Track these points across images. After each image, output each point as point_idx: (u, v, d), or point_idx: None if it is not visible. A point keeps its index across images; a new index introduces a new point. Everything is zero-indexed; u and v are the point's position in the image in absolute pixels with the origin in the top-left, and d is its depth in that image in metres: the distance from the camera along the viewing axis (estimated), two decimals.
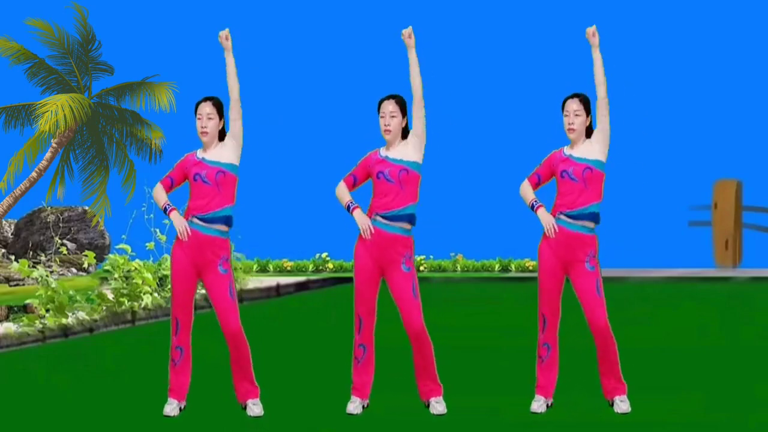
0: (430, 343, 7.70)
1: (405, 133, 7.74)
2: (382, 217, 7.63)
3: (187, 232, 7.57)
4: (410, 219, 7.65)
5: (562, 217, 7.59)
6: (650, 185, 23.18)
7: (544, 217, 7.62)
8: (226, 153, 7.66)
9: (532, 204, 7.69)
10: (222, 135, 7.73)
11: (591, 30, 7.75)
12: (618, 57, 23.67)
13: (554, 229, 7.57)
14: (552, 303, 7.68)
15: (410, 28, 7.78)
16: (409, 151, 7.68)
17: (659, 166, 23.21)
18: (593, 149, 7.62)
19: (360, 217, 7.64)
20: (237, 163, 7.68)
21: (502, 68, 23.63)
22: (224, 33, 7.83)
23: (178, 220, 7.61)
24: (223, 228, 7.62)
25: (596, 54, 7.72)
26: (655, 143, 23.18)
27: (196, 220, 7.59)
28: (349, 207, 7.69)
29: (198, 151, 7.74)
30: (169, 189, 7.75)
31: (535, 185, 7.74)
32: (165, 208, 7.69)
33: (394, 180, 7.62)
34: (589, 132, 7.68)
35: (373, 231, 7.62)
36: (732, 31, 23.38)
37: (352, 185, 7.77)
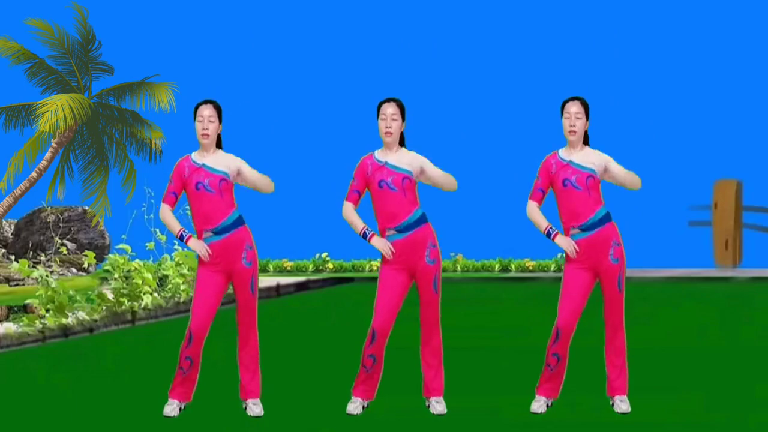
0: (440, 337, 7.76)
1: (401, 139, 7.73)
2: (396, 230, 7.62)
3: (209, 252, 7.57)
4: (422, 221, 7.66)
5: (577, 231, 7.57)
6: (650, 185, 23.15)
7: (563, 242, 7.59)
8: (225, 161, 7.65)
9: (548, 232, 7.63)
10: (219, 140, 7.72)
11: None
12: (618, 57, 23.70)
13: (576, 249, 7.56)
14: (570, 322, 7.63)
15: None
16: (407, 161, 7.66)
17: (659, 166, 23.20)
18: (593, 159, 7.59)
19: (378, 243, 7.64)
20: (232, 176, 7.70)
21: (501, 69, 23.63)
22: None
23: (196, 245, 7.60)
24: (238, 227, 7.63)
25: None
26: (655, 143, 23.18)
27: (210, 234, 7.59)
28: (365, 235, 7.67)
29: (194, 155, 7.71)
30: (174, 204, 7.73)
31: (541, 200, 7.70)
32: (181, 236, 7.65)
33: (398, 188, 7.62)
34: (585, 138, 7.67)
35: (394, 250, 7.62)
36: (732, 31, 23.37)
37: (358, 201, 7.72)
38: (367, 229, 7.67)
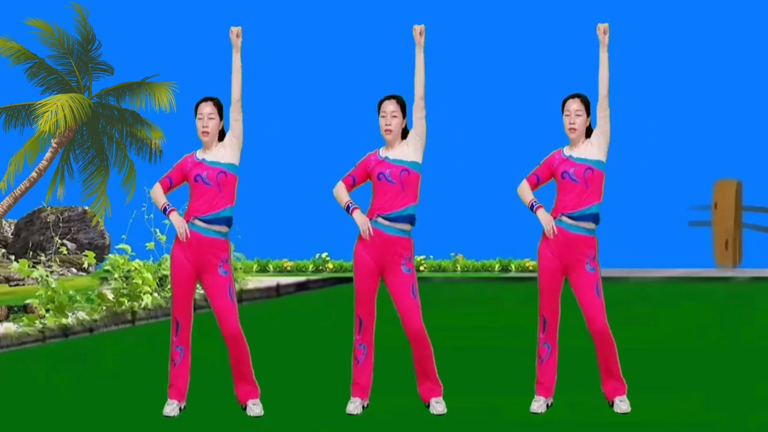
0: (429, 344, 7.70)
1: (405, 133, 7.75)
2: (383, 218, 7.62)
3: (187, 234, 7.58)
4: (411, 220, 7.65)
5: (563, 218, 7.58)
6: (650, 185, 23.19)
7: (544, 217, 7.60)
8: (227, 153, 7.67)
9: (532, 204, 7.67)
10: (222, 135, 7.75)
11: (602, 27, 7.70)
12: (618, 57, 23.68)
13: (554, 230, 7.56)
14: (552, 304, 7.68)
15: (423, 26, 7.75)
16: (409, 151, 7.68)
17: (659, 166, 23.20)
18: (593, 150, 7.62)
19: (359, 218, 7.64)
20: (237, 164, 7.70)
21: (502, 68, 23.63)
22: (236, 30, 7.80)
23: (177, 220, 7.62)
24: (224, 229, 7.63)
25: (603, 53, 7.67)
26: (655, 143, 23.18)
27: (197, 222, 7.60)
28: (348, 207, 7.69)
29: (197, 151, 7.74)
30: (167, 190, 7.76)
31: (534, 185, 7.73)
32: (165, 208, 7.69)
33: (396, 181, 7.62)
34: (588, 132, 7.68)
35: (372, 232, 7.62)
36: (732, 31, 23.38)
37: (351, 186, 7.76)
38: (351, 203, 7.69)
